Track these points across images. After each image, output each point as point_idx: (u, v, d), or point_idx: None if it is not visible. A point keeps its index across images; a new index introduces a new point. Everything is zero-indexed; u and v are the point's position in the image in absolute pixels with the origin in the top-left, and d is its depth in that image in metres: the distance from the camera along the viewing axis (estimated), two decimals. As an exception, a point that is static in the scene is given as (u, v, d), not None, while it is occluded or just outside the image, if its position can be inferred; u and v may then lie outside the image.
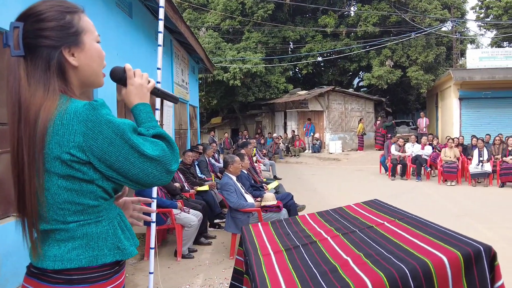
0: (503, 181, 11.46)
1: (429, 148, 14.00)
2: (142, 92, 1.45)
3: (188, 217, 5.60)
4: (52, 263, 1.25)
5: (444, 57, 25.71)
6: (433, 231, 1.55)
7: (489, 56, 20.24)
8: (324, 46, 25.62)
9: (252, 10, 25.01)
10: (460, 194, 10.20)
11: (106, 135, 1.22)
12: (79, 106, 1.23)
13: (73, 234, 1.26)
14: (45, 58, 1.28)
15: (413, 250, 1.38)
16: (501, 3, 27.57)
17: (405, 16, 23.88)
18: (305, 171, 16.48)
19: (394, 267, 1.27)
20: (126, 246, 1.35)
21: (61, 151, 1.20)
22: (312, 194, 10.25)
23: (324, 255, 1.50)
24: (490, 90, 18.88)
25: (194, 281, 4.74)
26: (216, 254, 5.77)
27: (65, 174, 1.22)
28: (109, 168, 1.24)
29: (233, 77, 23.04)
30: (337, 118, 23.54)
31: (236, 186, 5.63)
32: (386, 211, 1.96)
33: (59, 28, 1.29)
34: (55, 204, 1.24)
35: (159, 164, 1.27)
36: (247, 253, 1.63)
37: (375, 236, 1.60)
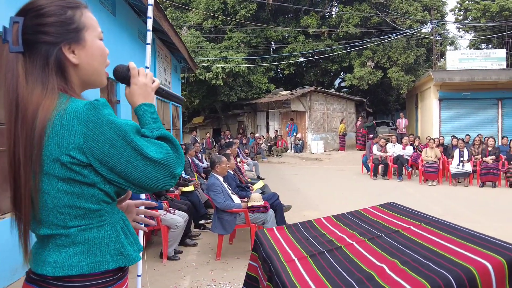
0: (483, 181, 11.67)
1: (410, 148, 14.16)
2: (146, 92, 1.39)
3: (174, 218, 5.53)
4: (52, 270, 1.19)
5: (424, 58, 26.03)
6: (466, 235, 1.51)
7: (468, 58, 20.54)
8: (306, 47, 25.69)
9: (235, 9, 24.95)
10: (441, 194, 10.33)
11: (108, 136, 1.16)
12: (79, 105, 1.17)
13: (74, 239, 1.21)
14: (43, 55, 1.22)
15: (452, 256, 1.34)
16: (479, 6, 28.03)
17: (386, 18, 24.10)
18: (288, 171, 16.50)
19: (436, 275, 1.23)
20: (130, 252, 1.29)
21: (61, 153, 1.15)
22: (295, 194, 10.25)
23: (354, 262, 1.45)
24: (469, 91, 19.15)
25: (181, 283, 4.68)
26: (202, 255, 5.72)
27: (65, 177, 1.17)
28: (111, 171, 1.19)
29: (215, 77, 22.93)
30: (319, 118, 23.63)
31: (223, 187, 5.59)
32: (408, 215, 1.91)
33: (59, 24, 1.24)
34: (55, 208, 1.19)
35: (163, 167, 1.22)
36: (268, 259, 1.57)
37: (404, 241, 1.56)
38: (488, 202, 9.27)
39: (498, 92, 19.10)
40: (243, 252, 5.78)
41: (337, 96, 25.06)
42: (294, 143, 22.29)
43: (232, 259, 5.49)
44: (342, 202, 9.50)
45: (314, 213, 8.17)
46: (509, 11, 26.22)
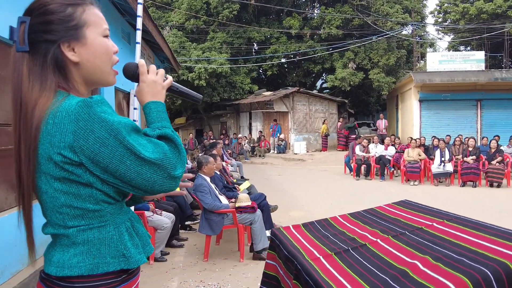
0: (464, 181, 11.84)
1: (392, 148, 14.31)
2: (156, 89, 1.35)
3: (161, 220, 5.46)
4: (55, 269, 1.19)
5: (404, 60, 26.33)
6: (493, 231, 1.50)
7: (448, 59, 20.83)
8: (288, 48, 25.74)
9: (217, 10, 24.86)
10: (423, 194, 10.43)
11: (98, 135, 1.11)
12: (72, 103, 1.14)
13: (74, 239, 1.19)
14: (42, 53, 1.21)
15: (485, 251, 1.33)
16: (458, 8, 28.54)
17: (368, 20, 24.30)
18: (271, 171, 16.51)
19: (474, 270, 1.22)
20: (133, 254, 1.25)
21: (53, 151, 1.13)
22: (281, 195, 10.24)
23: (383, 259, 1.43)
24: (449, 92, 19.42)
25: (169, 284, 4.63)
26: (190, 256, 5.66)
27: (59, 176, 1.15)
28: (104, 171, 1.15)
29: (198, 77, 22.85)
30: (301, 119, 23.71)
31: (210, 187, 5.54)
32: (427, 212, 1.90)
33: (58, 22, 1.22)
34: (54, 208, 1.18)
35: (159, 168, 1.16)
36: (292, 257, 1.54)
37: (431, 238, 1.54)
38: (469, 202, 9.39)
39: (477, 93, 19.40)
40: (231, 253, 5.75)
41: (320, 97, 25.18)
42: (277, 144, 22.32)
43: (220, 260, 5.46)
44: (327, 202, 9.54)
45: (300, 213, 8.19)
46: (487, 14, 26.76)
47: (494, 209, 8.41)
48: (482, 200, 9.67)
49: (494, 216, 7.60)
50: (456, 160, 12.34)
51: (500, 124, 18.66)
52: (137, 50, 3.44)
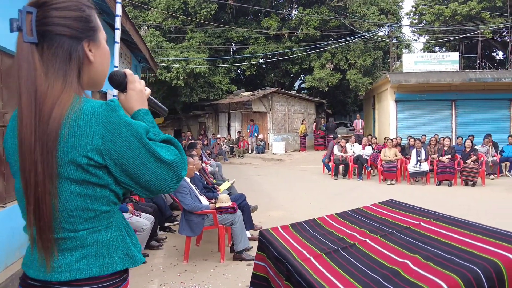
0: (440, 180, 12.04)
1: (370, 148, 14.47)
2: (143, 98, 1.40)
3: (140, 221, 5.39)
4: (58, 275, 1.15)
5: (381, 61, 26.67)
6: (480, 230, 1.51)
7: (423, 60, 21.14)
8: (266, 48, 25.77)
9: (195, 9, 24.73)
10: (400, 192, 10.55)
11: (125, 138, 1.15)
12: (96, 106, 1.15)
13: (83, 242, 1.18)
14: (66, 48, 1.20)
15: (474, 250, 1.33)
16: (433, 10, 29.01)
17: (345, 21, 24.52)
18: (251, 171, 16.50)
19: (464, 268, 1.23)
20: (135, 253, 1.28)
21: (78, 154, 1.12)
22: (260, 195, 10.25)
23: (374, 259, 1.42)
24: (424, 93, 19.68)
25: (149, 286, 4.57)
26: (169, 258, 5.61)
27: (80, 179, 1.14)
28: (124, 172, 1.17)
29: (176, 77, 22.67)
30: (280, 119, 23.76)
31: (190, 188, 5.49)
32: (414, 211, 1.91)
33: (83, 20, 1.24)
34: (65, 212, 1.15)
35: (172, 169, 1.22)
36: (282, 258, 1.53)
37: (419, 237, 1.54)
38: (445, 200, 9.56)
39: (452, 93, 19.71)
40: (211, 254, 5.72)
41: (298, 98, 25.29)
42: (256, 144, 22.33)
43: (200, 261, 5.42)
44: (307, 201, 9.58)
45: (280, 213, 8.21)
46: (461, 16, 27.28)
47: (471, 207, 8.57)
48: (458, 198, 9.84)
49: (471, 214, 7.74)
50: (432, 159, 12.56)
51: (474, 124, 19.00)
52: (116, 50, 3.39)
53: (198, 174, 6.43)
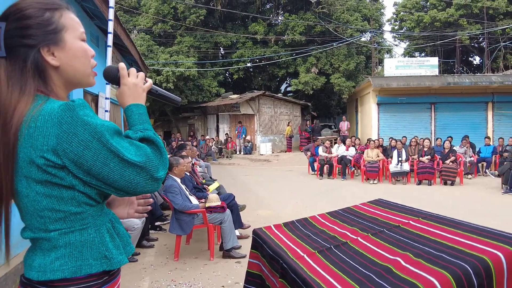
0: (420, 179, 12.15)
1: (353, 149, 14.55)
2: (137, 92, 1.33)
3: (131, 220, 5.34)
4: (36, 274, 1.15)
5: (363, 65, 26.86)
6: (468, 228, 1.51)
7: (404, 65, 21.29)
8: (254, 53, 25.79)
9: (185, 14, 24.67)
10: (382, 191, 10.61)
11: (82, 138, 1.10)
12: (54, 107, 1.11)
13: (55, 243, 1.16)
14: (22, 58, 1.17)
15: (463, 248, 1.34)
16: (413, 17, 29.30)
17: (329, 27, 24.63)
18: (239, 172, 16.48)
19: (454, 265, 1.23)
20: (114, 255, 1.22)
21: (36, 155, 1.09)
22: (248, 194, 10.24)
23: (366, 256, 1.42)
24: (405, 96, 19.81)
25: (140, 284, 4.53)
26: (160, 256, 5.57)
27: (42, 179, 1.11)
28: (87, 173, 1.12)
29: (166, 80, 22.56)
30: (267, 121, 23.79)
31: (180, 188, 5.47)
32: (402, 210, 1.91)
33: (37, 26, 1.18)
34: (35, 212, 1.14)
35: (142, 170, 1.14)
36: (277, 256, 1.52)
37: (408, 235, 1.54)
38: (425, 199, 9.63)
39: (431, 97, 19.88)
40: (200, 252, 5.70)
41: (284, 100, 25.37)
42: (244, 145, 22.33)
43: (190, 259, 5.39)
44: (293, 201, 9.59)
45: (267, 212, 8.21)
46: (440, 22, 27.58)
47: (450, 206, 8.65)
48: (436, 197, 9.94)
49: (451, 212, 7.81)
50: (412, 159, 12.67)
51: (452, 126, 19.19)
52: (108, 53, 3.36)
53: (188, 175, 6.41)
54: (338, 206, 2.85)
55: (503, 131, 18.36)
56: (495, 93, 19.34)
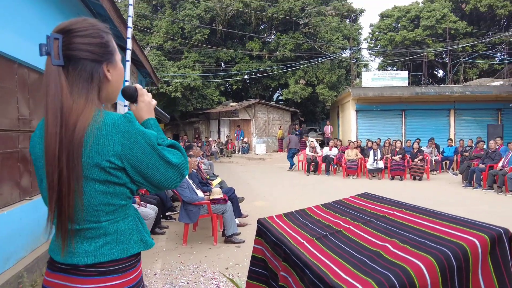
0: (393, 175, 12.18)
1: (335, 149, 14.57)
2: (150, 108, 1.38)
3: (145, 211, 5.33)
4: (84, 259, 1.14)
5: (344, 77, 26.90)
6: (446, 218, 1.50)
7: (379, 77, 21.37)
8: (250, 66, 25.78)
9: (191, 34, 24.65)
10: (361, 185, 10.64)
11: (140, 145, 1.15)
12: (116, 118, 1.14)
13: (105, 231, 1.17)
14: (89, 70, 1.18)
15: (443, 235, 1.33)
16: (387, 36, 29.44)
17: (315, 44, 24.67)
18: (237, 169, 16.46)
19: (436, 251, 1.22)
20: (147, 239, 1.28)
21: (102, 159, 1.11)
22: (246, 188, 10.21)
23: (358, 242, 1.41)
24: (379, 104, 19.88)
25: (154, 265, 4.51)
26: (170, 241, 5.55)
27: (103, 179, 1.13)
28: (138, 173, 1.16)
29: (174, 90, 22.55)
30: (262, 125, 23.79)
31: (188, 183, 5.45)
32: (387, 202, 1.89)
33: (102, 45, 1.21)
34: (90, 206, 1.14)
35: (177, 170, 1.21)
36: (280, 243, 1.51)
37: (394, 224, 1.53)
38: (399, 192, 9.65)
39: (402, 105, 19.92)
40: (205, 238, 5.68)
41: (276, 107, 25.37)
42: (242, 146, 22.31)
43: (196, 244, 5.38)
44: (284, 193, 9.58)
45: (263, 203, 8.19)
46: (409, 41, 27.74)
47: (419, 198, 8.67)
48: (407, 190, 9.96)
49: (423, 203, 7.77)
50: (386, 158, 12.71)
51: (420, 130, 19.22)
52: (127, 67, 3.34)
53: (195, 171, 6.38)
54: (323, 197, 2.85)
55: (463, 134, 18.45)
56: (456, 102, 19.43)
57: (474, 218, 1.52)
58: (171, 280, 4.06)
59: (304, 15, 24.94)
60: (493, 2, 26.07)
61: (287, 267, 1.37)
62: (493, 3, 26.09)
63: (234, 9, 24.82)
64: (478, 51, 25.78)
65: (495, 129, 16.35)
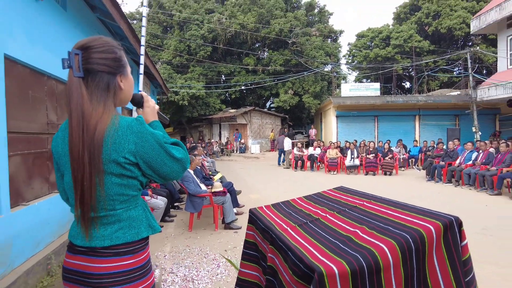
0: (367, 171, 12.22)
1: (319, 149, 14.58)
2: (154, 112, 1.39)
3: (156, 202, 5.32)
4: (101, 242, 1.15)
5: (326, 88, 26.93)
6: (406, 207, 1.51)
7: (355, 88, 21.40)
8: (246, 79, 25.74)
9: (196, 51, 24.58)
10: (340, 180, 10.66)
11: (151, 143, 1.16)
12: (129, 121, 1.16)
13: (120, 217, 1.18)
14: (106, 81, 1.19)
15: (404, 222, 1.34)
16: (362, 53, 29.53)
17: (301, 60, 24.70)
18: (235, 166, 16.42)
19: (398, 235, 1.23)
20: (155, 224, 1.28)
21: (118, 155, 1.13)
22: (243, 182, 10.20)
23: (333, 229, 1.41)
24: (356, 111, 19.92)
25: (163, 249, 4.50)
26: (178, 228, 5.54)
27: (119, 173, 1.14)
28: (149, 167, 1.18)
29: (182, 99, 22.46)
30: (256, 128, 23.79)
31: (193, 178, 5.44)
32: (358, 194, 1.90)
33: (116, 60, 1.22)
34: (108, 196, 1.15)
35: (181, 163, 1.22)
36: (267, 229, 1.51)
37: (364, 213, 1.53)
38: (372, 185, 9.69)
39: (375, 111, 19.95)
40: (208, 225, 5.67)
41: (269, 114, 25.37)
42: (239, 146, 22.29)
43: (200, 230, 5.37)
44: (275, 186, 9.56)
45: (257, 195, 8.18)
46: (381, 57, 27.83)
47: (390, 190, 8.72)
48: (379, 184, 10.00)
49: (392, 195, 7.83)
50: (362, 157, 12.74)
51: (390, 132, 19.28)
52: (140, 79, 3.33)
53: (199, 168, 6.37)
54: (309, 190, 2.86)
55: (426, 136, 18.52)
56: (420, 109, 19.52)
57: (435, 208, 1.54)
58: (178, 260, 4.05)
59: (292, 35, 24.97)
60: (451, 25, 26.28)
61: (273, 250, 1.38)
62: (451, 25, 26.29)
63: (233, 30, 24.81)
64: (439, 66, 25.95)
65: (453, 132, 16.46)
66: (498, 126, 19.14)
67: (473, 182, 8.93)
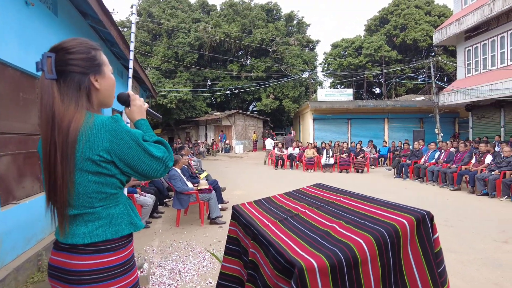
0: (341, 169, 12.35)
1: (297, 149, 14.66)
2: (141, 111, 1.30)
3: (145, 199, 5.19)
4: (82, 239, 1.08)
5: (304, 93, 27.14)
6: (381, 203, 1.49)
7: (331, 93, 21.58)
8: (231, 84, 25.64)
9: (183, 57, 24.29)
10: (316, 177, 10.72)
11: (126, 141, 1.08)
12: (104, 119, 1.08)
13: (99, 215, 1.11)
14: (77, 81, 1.11)
15: (379, 217, 1.31)
16: (336, 62, 29.92)
17: (281, 67, 24.81)
18: (221, 165, 16.32)
19: (374, 230, 1.20)
20: (137, 222, 1.21)
21: (93, 153, 1.06)
22: (227, 180, 10.11)
23: (312, 224, 1.37)
24: (331, 114, 20.09)
25: (151, 243, 4.39)
26: (166, 224, 5.42)
27: (94, 171, 1.07)
28: (126, 165, 1.10)
29: (170, 102, 22.15)
30: (240, 130, 23.72)
31: (180, 176, 5.34)
32: (335, 191, 1.87)
33: (88, 60, 1.14)
34: (85, 194, 1.08)
35: (161, 162, 1.14)
36: (249, 224, 1.46)
37: (341, 208, 1.50)
38: (346, 182, 9.79)
39: (348, 115, 20.15)
40: (194, 220, 5.58)
41: (251, 116, 25.35)
42: (224, 147, 22.17)
43: (187, 226, 5.28)
44: (258, 183, 9.52)
45: (240, 192, 8.13)
46: (354, 65, 28.26)
47: (362, 186, 8.82)
48: (352, 180, 10.12)
49: (364, 190, 7.91)
50: (336, 156, 12.87)
51: (362, 134, 19.51)
52: (129, 83, 3.23)
53: (186, 167, 6.27)
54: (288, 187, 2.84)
55: (394, 137, 18.89)
56: (389, 112, 19.90)
57: (403, 202, 1.53)
58: (166, 254, 3.96)
59: (273, 44, 25.05)
60: (416, 37, 26.99)
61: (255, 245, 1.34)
62: (416, 37, 27.01)
63: (218, 38, 24.65)
64: (406, 73, 26.59)
65: (418, 134, 16.86)
66: (457, 128, 19.76)
67: (436, 179, 9.16)
